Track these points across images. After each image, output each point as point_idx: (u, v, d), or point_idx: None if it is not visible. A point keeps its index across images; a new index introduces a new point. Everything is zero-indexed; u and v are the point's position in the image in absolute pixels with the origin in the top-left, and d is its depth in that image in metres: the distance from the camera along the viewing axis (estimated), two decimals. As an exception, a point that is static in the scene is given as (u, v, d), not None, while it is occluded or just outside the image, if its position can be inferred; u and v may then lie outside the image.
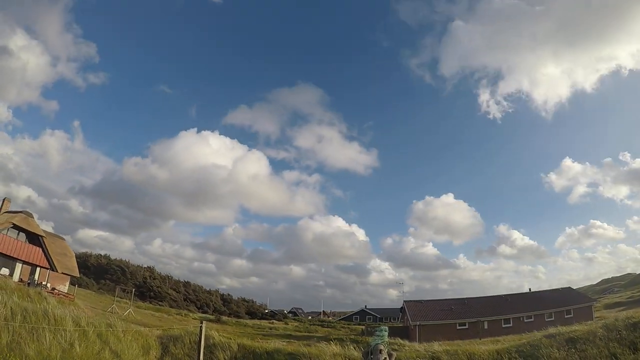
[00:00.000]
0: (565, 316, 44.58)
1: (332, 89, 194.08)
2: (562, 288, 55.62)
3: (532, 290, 58.98)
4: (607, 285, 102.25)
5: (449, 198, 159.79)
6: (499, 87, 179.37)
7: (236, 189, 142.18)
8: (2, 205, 43.55)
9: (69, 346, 10.96)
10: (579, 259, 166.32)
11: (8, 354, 9.52)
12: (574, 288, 58.47)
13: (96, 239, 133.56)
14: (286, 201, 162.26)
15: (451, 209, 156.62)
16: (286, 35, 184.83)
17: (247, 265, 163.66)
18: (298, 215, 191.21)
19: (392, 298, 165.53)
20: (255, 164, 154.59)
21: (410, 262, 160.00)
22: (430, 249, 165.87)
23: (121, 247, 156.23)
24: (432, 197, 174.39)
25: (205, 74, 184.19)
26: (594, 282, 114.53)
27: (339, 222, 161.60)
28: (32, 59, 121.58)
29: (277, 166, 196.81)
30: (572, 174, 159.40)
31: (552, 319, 43.62)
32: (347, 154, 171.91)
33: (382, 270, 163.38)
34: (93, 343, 11.84)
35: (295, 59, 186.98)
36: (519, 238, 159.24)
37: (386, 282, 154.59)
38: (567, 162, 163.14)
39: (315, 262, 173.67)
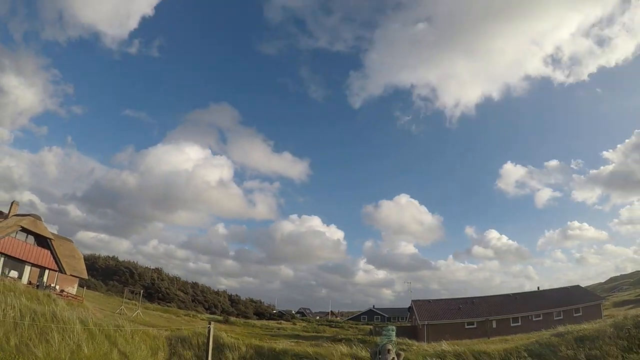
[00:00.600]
0: (574, 315, 44.21)
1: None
2: (570, 286, 55.06)
3: (540, 289, 58.65)
4: (616, 284, 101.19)
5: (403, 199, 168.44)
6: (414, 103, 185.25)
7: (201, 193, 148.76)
8: (10, 209, 43.90)
9: (77, 347, 11.00)
10: (566, 260, 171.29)
11: (17, 356, 9.57)
12: (582, 286, 57.94)
13: (92, 240, 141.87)
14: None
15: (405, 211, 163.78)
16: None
17: (237, 265, 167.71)
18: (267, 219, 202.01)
19: (389, 298, 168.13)
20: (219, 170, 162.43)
21: (389, 263, 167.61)
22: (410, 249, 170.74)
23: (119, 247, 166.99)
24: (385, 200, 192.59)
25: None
26: (602, 280, 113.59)
27: (315, 222, 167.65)
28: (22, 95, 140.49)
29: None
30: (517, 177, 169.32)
31: (561, 317, 43.29)
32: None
33: (367, 270, 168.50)
34: (101, 344, 11.88)
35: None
36: (496, 238, 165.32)
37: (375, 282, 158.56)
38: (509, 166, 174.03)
39: (299, 263, 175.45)
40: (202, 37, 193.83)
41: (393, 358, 9.36)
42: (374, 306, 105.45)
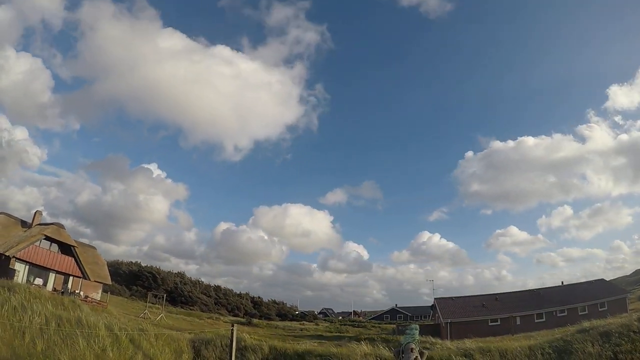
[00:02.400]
0: (599, 309, 43.29)
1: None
2: (595, 280, 53.79)
3: (564, 283, 57.59)
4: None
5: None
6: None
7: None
8: (33, 218, 44.80)
9: (102, 351, 11.08)
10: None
11: (44, 360, 9.67)
12: (607, 280, 56.60)
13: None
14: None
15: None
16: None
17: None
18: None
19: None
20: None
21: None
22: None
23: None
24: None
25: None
26: (627, 273, 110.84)
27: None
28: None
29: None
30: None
31: (586, 312, 42.53)
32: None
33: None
34: (126, 348, 11.95)
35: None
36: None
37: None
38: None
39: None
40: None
41: (416, 357, 9.16)
42: (396, 305, 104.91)
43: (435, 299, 56.47)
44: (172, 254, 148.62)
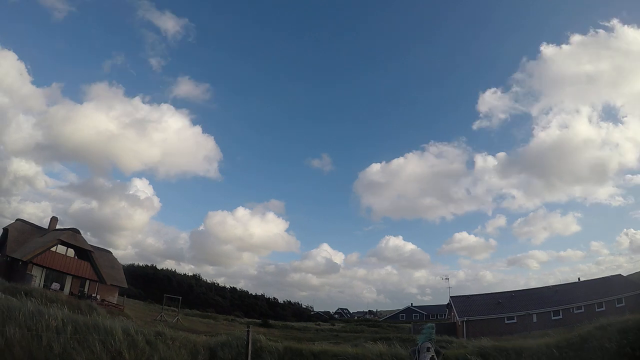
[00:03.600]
0: (617, 305, 42.46)
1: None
2: (612, 276, 52.43)
3: (580, 279, 56.55)
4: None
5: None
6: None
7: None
8: (50, 224, 45.48)
9: (118, 354, 11.10)
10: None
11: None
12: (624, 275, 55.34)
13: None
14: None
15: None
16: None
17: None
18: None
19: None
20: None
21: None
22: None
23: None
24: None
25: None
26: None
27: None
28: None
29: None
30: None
31: (603, 308, 41.74)
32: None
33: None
34: (142, 350, 11.96)
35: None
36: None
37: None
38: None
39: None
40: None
41: (432, 356, 9.03)
42: (412, 304, 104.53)
43: (450, 297, 56.01)
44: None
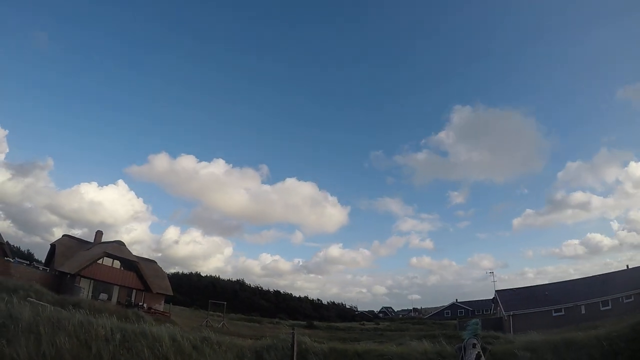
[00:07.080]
0: (669, 293, 39.60)
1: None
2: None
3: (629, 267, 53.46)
4: None
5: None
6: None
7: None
8: (95, 238, 47.19)
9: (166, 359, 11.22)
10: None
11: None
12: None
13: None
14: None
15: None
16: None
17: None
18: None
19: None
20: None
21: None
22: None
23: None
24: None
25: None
26: None
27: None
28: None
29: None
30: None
31: (656, 297, 39.31)
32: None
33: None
34: (189, 355, 12.07)
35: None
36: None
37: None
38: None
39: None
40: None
41: (478, 352, 8.64)
42: (457, 300, 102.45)
43: (496, 291, 54.51)
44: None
